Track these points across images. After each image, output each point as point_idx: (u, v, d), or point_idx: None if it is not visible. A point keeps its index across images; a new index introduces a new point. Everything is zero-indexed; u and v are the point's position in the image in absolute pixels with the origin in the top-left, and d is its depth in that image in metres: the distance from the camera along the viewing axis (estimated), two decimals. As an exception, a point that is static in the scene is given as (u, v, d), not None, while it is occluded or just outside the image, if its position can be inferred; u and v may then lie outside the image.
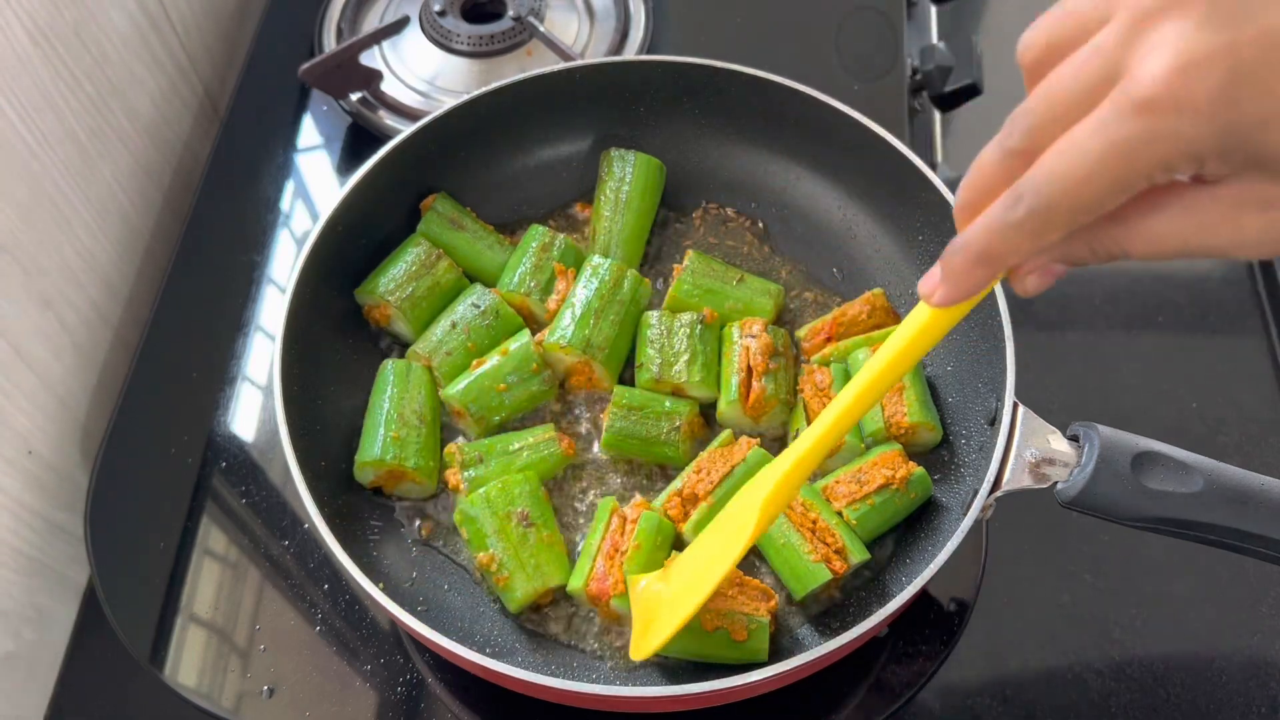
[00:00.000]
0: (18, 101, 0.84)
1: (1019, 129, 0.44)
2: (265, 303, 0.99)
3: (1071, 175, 0.41)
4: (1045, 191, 0.42)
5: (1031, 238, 0.44)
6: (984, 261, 0.46)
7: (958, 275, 0.48)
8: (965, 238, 0.47)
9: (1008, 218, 0.44)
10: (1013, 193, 0.44)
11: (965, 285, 0.48)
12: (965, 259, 0.47)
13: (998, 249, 0.45)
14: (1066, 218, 0.43)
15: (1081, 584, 0.85)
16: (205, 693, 0.79)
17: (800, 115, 0.92)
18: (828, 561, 0.75)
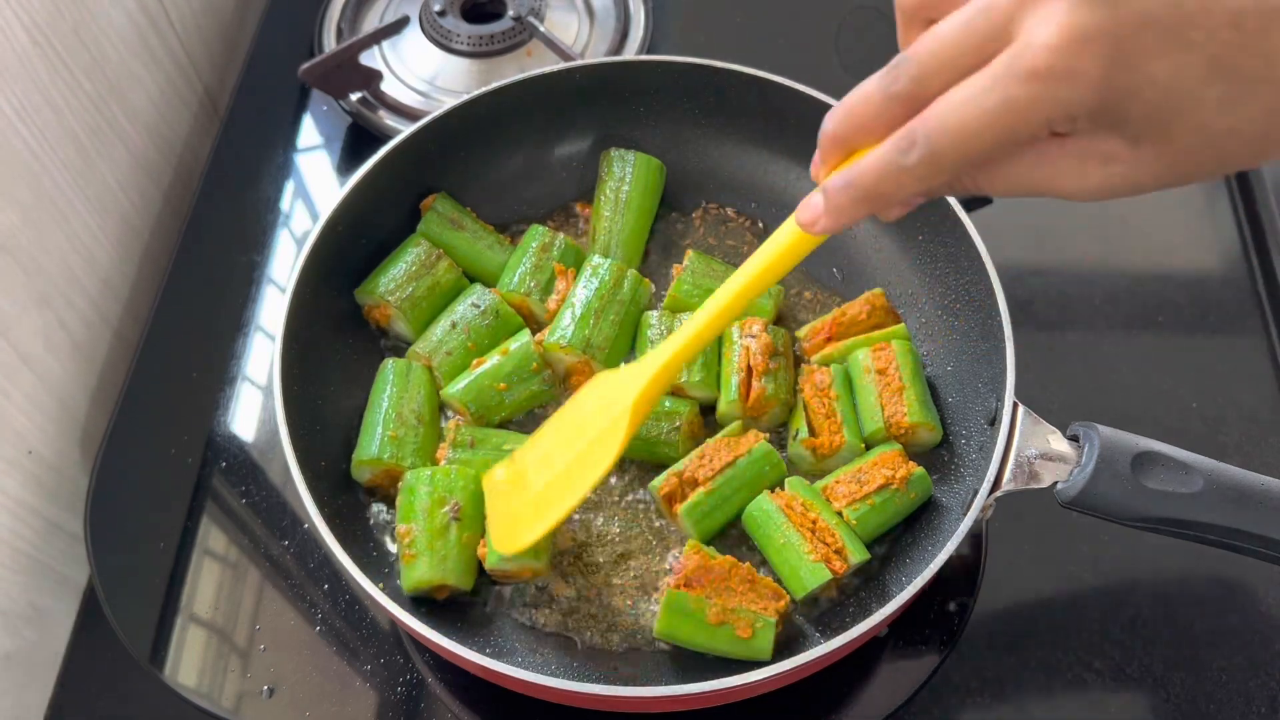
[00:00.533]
0: (18, 101, 0.84)
1: (905, 75, 0.47)
2: (265, 303, 0.99)
3: (966, 127, 0.44)
4: (938, 140, 0.45)
5: (919, 181, 0.47)
6: (869, 200, 0.50)
7: (842, 209, 0.51)
8: (851, 175, 0.49)
9: (901, 161, 0.47)
10: (905, 138, 0.47)
11: (847, 218, 0.51)
12: (852, 195, 0.50)
13: (886, 188, 0.49)
14: (955, 164, 0.46)
15: (1081, 584, 0.85)
16: (205, 693, 0.79)
17: (800, 115, 0.92)
18: (827, 561, 0.75)
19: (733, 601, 0.73)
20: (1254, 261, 1.04)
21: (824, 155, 0.52)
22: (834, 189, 0.51)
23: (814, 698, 0.79)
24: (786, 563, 0.76)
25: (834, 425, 0.82)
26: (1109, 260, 1.05)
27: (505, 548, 0.72)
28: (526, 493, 0.72)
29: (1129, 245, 1.06)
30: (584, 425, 0.71)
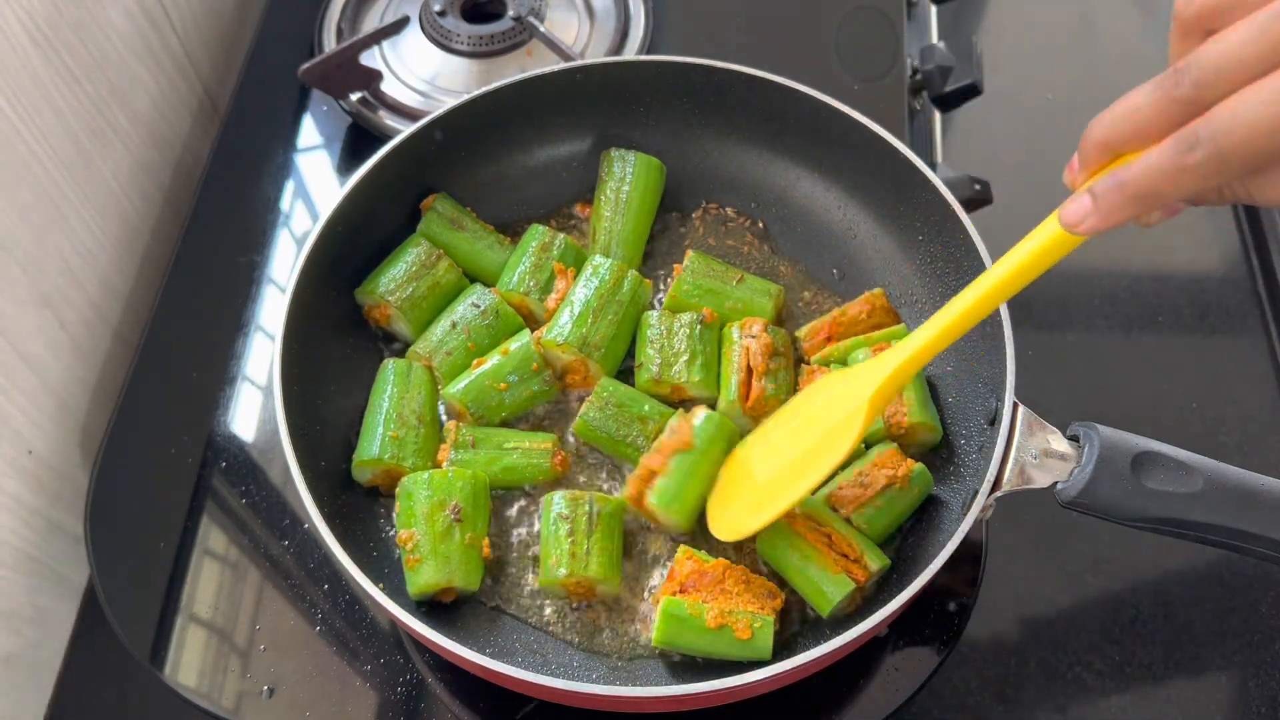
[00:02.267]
0: (18, 101, 0.84)
1: (1189, 80, 0.48)
2: (265, 303, 0.99)
3: (1257, 127, 0.45)
4: (1225, 140, 0.46)
5: (1200, 180, 0.48)
6: (1143, 199, 0.50)
7: (1112, 208, 0.52)
8: (1125, 175, 0.50)
9: (1181, 161, 0.48)
10: (1187, 138, 0.47)
11: (1117, 218, 0.52)
12: (1123, 195, 0.51)
13: (1162, 189, 0.49)
14: (1239, 165, 0.47)
15: (1081, 584, 0.85)
16: (205, 693, 0.79)
17: (800, 115, 0.92)
18: (849, 573, 0.75)
19: (729, 603, 0.73)
20: (1254, 261, 1.04)
21: (1086, 160, 0.54)
22: (1105, 189, 0.52)
23: (814, 698, 0.79)
24: (809, 581, 0.76)
25: (834, 425, 0.82)
26: (1109, 260, 1.05)
27: (725, 535, 0.74)
28: (750, 484, 0.73)
29: (1129, 245, 1.06)
30: (814, 420, 0.72)
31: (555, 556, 0.76)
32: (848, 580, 0.74)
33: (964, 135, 1.16)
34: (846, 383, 0.72)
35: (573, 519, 0.77)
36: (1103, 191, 0.52)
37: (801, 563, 0.76)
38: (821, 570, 0.75)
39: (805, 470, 0.71)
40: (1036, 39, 1.26)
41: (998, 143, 1.15)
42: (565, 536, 0.76)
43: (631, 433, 0.82)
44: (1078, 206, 0.54)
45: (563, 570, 0.75)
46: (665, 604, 0.73)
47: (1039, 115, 1.16)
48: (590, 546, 0.76)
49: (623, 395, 0.84)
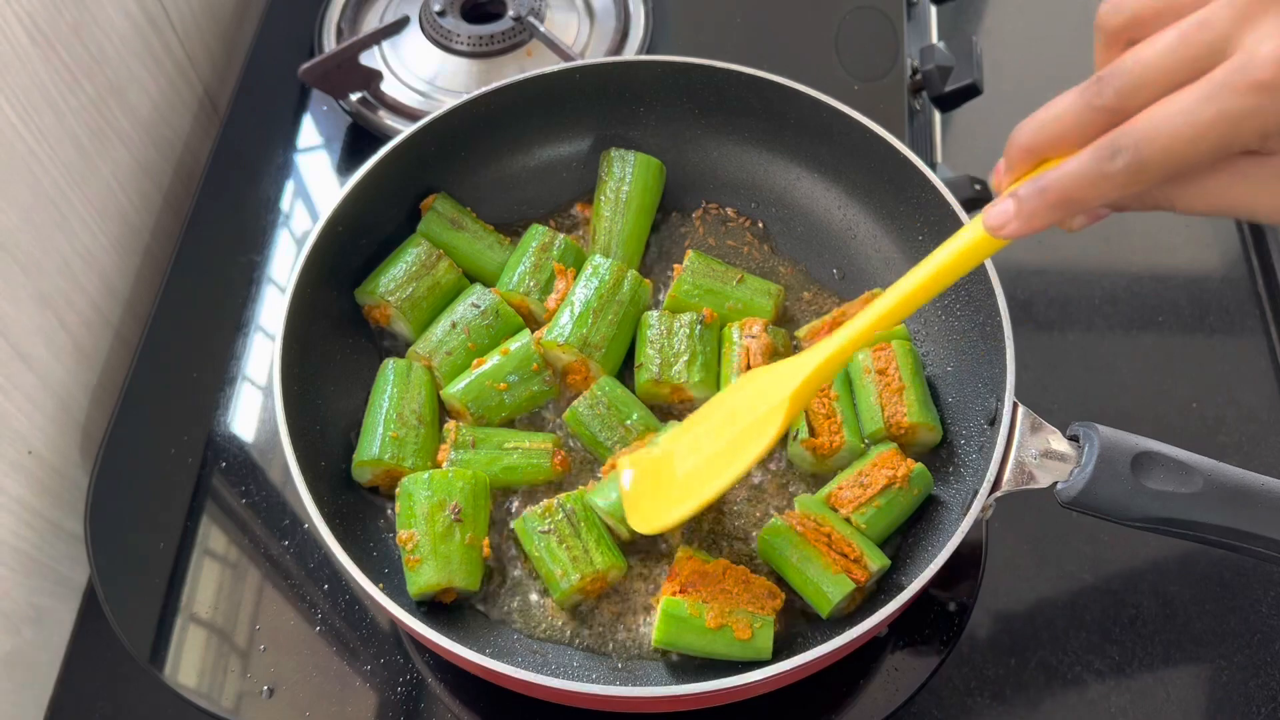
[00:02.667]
0: (17, 101, 0.84)
1: (1111, 88, 0.48)
2: (265, 303, 0.99)
3: (1179, 137, 0.46)
4: (1146, 148, 0.47)
5: (1119, 188, 0.49)
6: (1064, 205, 0.51)
7: (1034, 214, 0.52)
8: (1048, 181, 0.51)
9: (1102, 168, 0.48)
10: (1108, 146, 0.48)
11: (1039, 223, 0.52)
12: (1045, 200, 0.51)
13: (1083, 195, 0.50)
14: (1159, 174, 0.47)
15: (1081, 584, 0.85)
16: (205, 693, 0.79)
17: (800, 115, 0.92)
18: (848, 572, 0.75)
19: (729, 604, 0.73)
20: (1254, 261, 1.04)
21: (1011, 164, 0.54)
22: (1027, 195, 0.52)
23: (814, 698, 0.79)
24: (808, 581, 0.76)
25: (834, 425, 0.82)
26: (1109, 260, 1.05)
27: (644, 527, 0.74)
28: (671, 476, 0.74)
29: (1129, 245, 1.06)
30: (736, 414, 0.72)
31: (560, 569, 0.76)
32: (847, 580, 0.74)
33: (964, 135, 1.16)
34: (769, 378, 0.72)
35: (555, 529, 0.77)
36: (1025, 196, 0.52)
37: (801, 563, 0.76)
38: (821, 570, 0.75)
39: (726, 463, 0.71)
40: (1036, 39, 1.26)
41: (998, 143, 1.14)
42: (558, 546, 0.76)
43: (612, 436, 0.82)
44: (1001, 210, 0.54)
45: (575, 576, 0.76)
46: (665, 604, 0.73)
47: (1039, 115, 1.16)
48: (585, 543, 0.76)
49: (616, 398, 0.84)
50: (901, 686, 0.79)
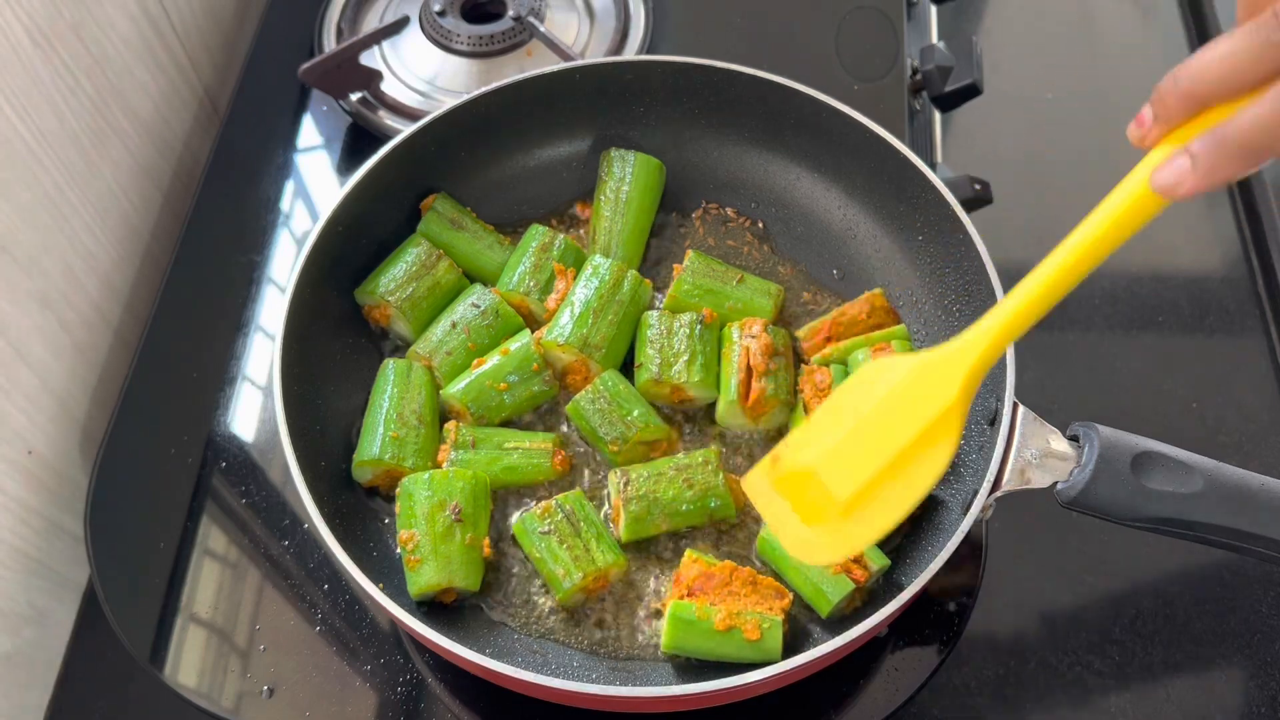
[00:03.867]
0: (18, 101, 0.84)
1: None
2: (265, 303, 0.99)
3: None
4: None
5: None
6: (1248, 155, 0.47)
7: (1215, 167, 0.48)
8: (1228, 131, 0.47)
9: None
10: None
11: (1220, 177, 0.49)
12: (1226, 152, 0.48)
13: (1269, 141, 0.46)
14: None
15: (1081, 584, 0.85)
16: (205, 693, 0.79)
17: (800, 115, 0.92)
18: (848, 572, 0.75)
19: (737, 605, 0.73)
20: (1254, 261, 1.04)
21: (1168, 113, 0.50)
22: (1205, 149, 0.48)
23: (814, 698, 0.79)
24: (808, 581, 0.76)
25: (834, 425, 0.82)
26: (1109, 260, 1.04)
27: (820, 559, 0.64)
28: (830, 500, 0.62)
29: (1129, 245, 1.05)
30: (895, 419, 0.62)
31: (562, 568, 0.76)
32: (847, 580, 0.74)
33: (964, 135, 1.16)
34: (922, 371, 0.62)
35: (556, 530, 0.77)
36: (1202, 151, 0.48)
37: (800, 563, 0.75)
38: (821, 570, 0.75)
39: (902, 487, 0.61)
40: (1036, 39, 1.26)
41: (998, 143, 1.15)
42: (559, 546, 0.76)
43: (612, 431, 0.82)
44: (1174, 168, 0.50)
45: (578, 575, 0.76)
46: (673, 608, 0.73)
47: (1039, 115, 1.16)
48: (585, 542, 0.77)
49: (619, 393, 0.84)
50: (901, 686, 0.79)
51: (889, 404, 0.62)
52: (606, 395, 0.83)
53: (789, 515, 0.64)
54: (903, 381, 0.62)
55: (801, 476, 0.63)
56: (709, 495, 0.79)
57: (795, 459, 0.64)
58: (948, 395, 0.60)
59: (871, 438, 0.62)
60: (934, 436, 0.60)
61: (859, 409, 0.63)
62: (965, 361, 0.60)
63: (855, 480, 0.61)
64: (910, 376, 0.62)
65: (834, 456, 0.62)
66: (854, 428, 0.62)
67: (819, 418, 0.64)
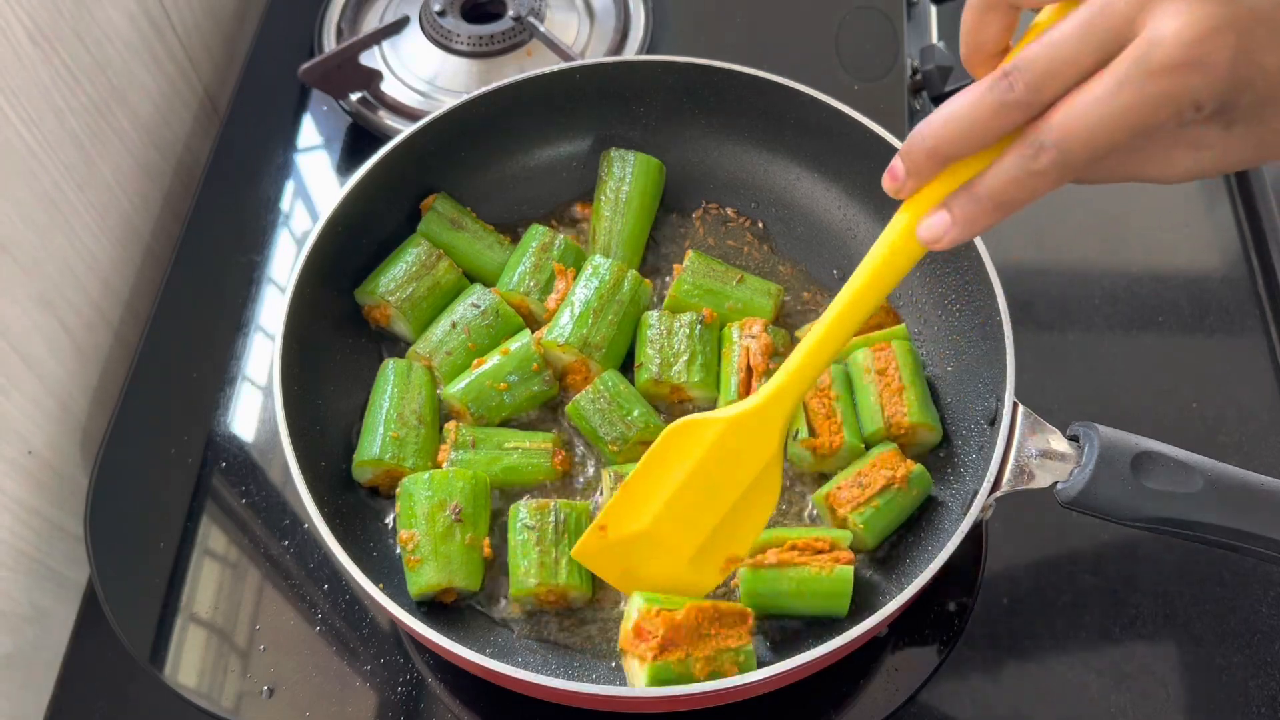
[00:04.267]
0: (18, 102, 0.84)
1: (1022, 82, 0.48)
2: (265, 303, 0.99)
3: (1098, 127, 0.46)
4: (1068, 142, 0.47)
5: (1050, 184, 0.49)
6: (999, 208, 0.51)
7: (973, 220, 0.52)
8: (980, 188, 0.51)
9: (1031, 166, 0.49)
10: (1031, 144, 0.48)
11: (978, 228, 0.53)
12: (982, 206, 0.51)
13: (1016, 196, 0.50)
14: (1084, 164, 0.48)
15: (1081, 584, 0.85)
16: (205, 693, 0.79)
17: (800, 115, 0.92)
18: (836, 561, 0.74)
19: (709, 647, 0.70)
20: (1254, 261, 1.04)
21: (915, 169, 0.53)
22: (962, 204, 0.52)
23: (814, 698, 0.79)
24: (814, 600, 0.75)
25: (834, 425, 0.82)
26: (1109, 260, 1.05)
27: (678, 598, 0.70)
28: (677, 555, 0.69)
29: (1129, 245, 1.06)
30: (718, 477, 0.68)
31: (524, 566, 0.76)
32: (846, 571, 0.74)
33: (964, 135, 1.16)
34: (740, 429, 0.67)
35: (539, 529, 0.77)
36: (959, 205, 0.52)
37: (796, 591, 0.74)
38: (815, 581, 0.74)
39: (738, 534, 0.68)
40: (1036, 39, 1.26)
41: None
42: (533, 546, 0.76)
43: (612, 431, 0.82)
44: (936, 222, 0.54)
45: (533, 580, 0.75)
46: (651, 673, 0.68)
47: (1039, 115, 1.16)
48: (559, 555, 0.76)
49: (619, 392, 0.84)
50: (901, 686, 0.79)
51: (709, 464, 0.67)
52: (606, 395, 0.83)
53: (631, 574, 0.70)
54: (718, 442, 0.67)
55: (634, 540, 0.69)
56: None
57: (626, 527, 0.69)
58: (768, 448, 0.65)
59: (701, 496, 0.68)
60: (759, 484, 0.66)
61: (679, 470, 0.68)
62: (777, 413, 0.65)
63: (695, 537, 0.68)
64: (725, 436, 0.67)
65: (667, 518, 0.68)
66: (679, 489, 0.68)
67: (634, 484, 0.69)
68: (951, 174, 0.53)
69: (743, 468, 0.67)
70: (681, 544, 0.69)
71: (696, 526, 0.69)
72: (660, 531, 0.69)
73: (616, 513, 0.70)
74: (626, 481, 0.70)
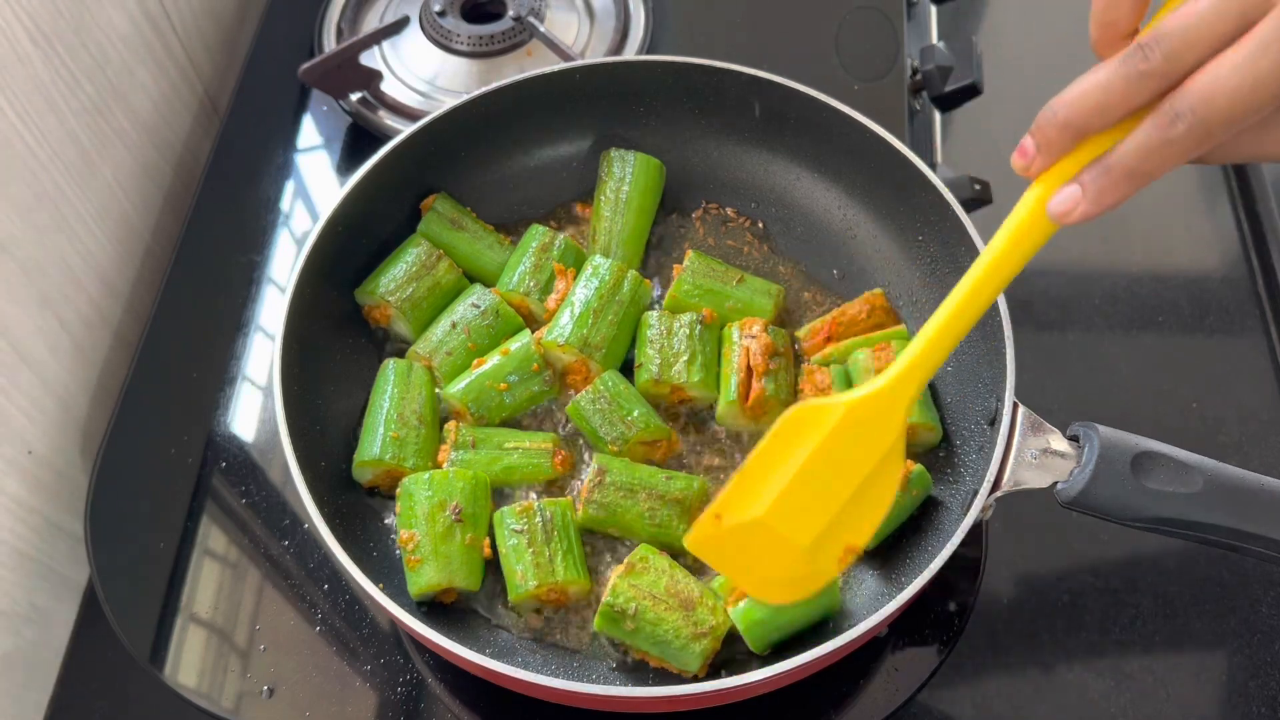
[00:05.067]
0: (18, 102, 0.84)
1: (1158, 53, 0.48)
2: (265, 303, 0.99)
3: (1237, 95, 0.46)
4: (1205, 111, 0.47)
5: (1185, 154, 0.49)
6: (1132, 180, 0.51)
7: (1104, 193, 0.52)
8: (1111, 160, 0.51)
9: (1167, 135, 0.48)
10: (1168, 113, 0.48)
11: (1110, 200, 0.52)
12: (1114, 179, 0.51)
13: (1150, 167, 0.50)
14: (1222, 133, 0.48)
15: (1081, 584, 0.85)
16: (205, 693, 0.79)
17: (800, 115, 0.92)
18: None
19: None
20: (1254, 261, 1.04)
21: (1048, 144, 0.53)
22: (1093, 177, 0.52)
23: (814, 698, 0.79)
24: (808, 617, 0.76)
25: (834, 425, 0.82)
26: (1109, 260, 1.05)
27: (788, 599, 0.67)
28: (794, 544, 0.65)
29: (1129, 245, 1.06)
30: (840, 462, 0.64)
31: (521, 571, 0.76)
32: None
33: (964, 135, 1.16)
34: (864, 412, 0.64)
35: (528, 531, 0.77)
36: (1091, 179, 0.52)
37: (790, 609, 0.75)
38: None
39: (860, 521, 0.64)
40: (1036, 39, 1.26)
41: (998, 143, 1.15)
42: (525, 548, 0.76)
43: (613, 432, 0.82)
44: (1066, 196, 0.54)
45: (532, 582, 0.75)
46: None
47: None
48: (552, 553, 0.76)
49: (619, 392, 0.84)
50: (901, 686, 0.79)
51: (829, 450, 0.64)
52: (607, 395, 0.83)
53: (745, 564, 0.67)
54: (838, 427, 0.64)
55: (750, 528, 0.65)
56: (664, 532, 0.79)
57: (742, 514, 0.66)
58: (890, 434, 0.63)
59: (820, 483, 0.64)
60: (880, 471, 0.64)
61: (797, 456, 0.65)
62: (901, 398, 0.62)
63: (813, 526, 0.64)
64: (846, 421, 0.64)
65: (783, 506, 0.65)
66: (797, 476, 0.64)
67: (753, 469, 0.66)
68: (1082, 150, 0.53)
69: (864, 454, 0.64)
70: (798, 532, 0.65)
71: (814, 514, 0.65)
72: (777, 519, 0.65)
73: (732, 499, 0.66)
74: (742, 467, 0.66)
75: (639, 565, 0.75)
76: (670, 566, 0.76)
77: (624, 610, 0.73)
